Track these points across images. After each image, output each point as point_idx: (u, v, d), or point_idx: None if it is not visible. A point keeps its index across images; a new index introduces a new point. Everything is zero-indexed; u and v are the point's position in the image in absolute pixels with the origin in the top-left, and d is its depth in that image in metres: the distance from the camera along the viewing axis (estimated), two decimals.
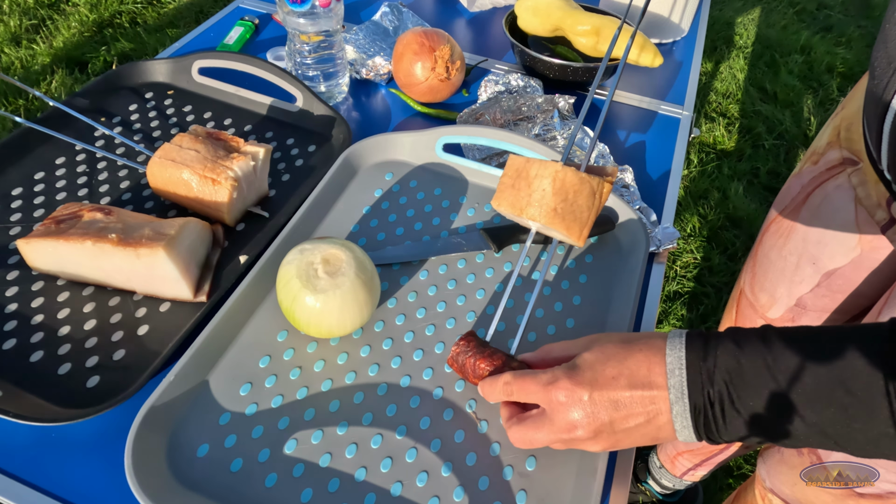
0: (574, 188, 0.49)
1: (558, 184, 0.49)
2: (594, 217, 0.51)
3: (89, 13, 2.30)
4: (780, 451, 0.71)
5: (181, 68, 0.80)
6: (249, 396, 0.51)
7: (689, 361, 0.38)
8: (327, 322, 0.51)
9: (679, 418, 0.38)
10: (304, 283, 0.50)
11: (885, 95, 0.45)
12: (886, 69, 0.44)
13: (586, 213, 0.50)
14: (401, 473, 0.47)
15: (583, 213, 0.50)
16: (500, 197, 0.53)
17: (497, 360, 0.48)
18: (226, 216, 0.63)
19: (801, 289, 0.69)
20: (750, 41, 2.53)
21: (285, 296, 0.51)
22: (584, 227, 0.51)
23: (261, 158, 0.65)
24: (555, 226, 0.50)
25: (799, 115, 2.18)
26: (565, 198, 0.49)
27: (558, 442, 0.42)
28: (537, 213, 0.50)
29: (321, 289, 0.50)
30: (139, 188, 0.68)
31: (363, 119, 0.82)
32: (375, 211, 0.66)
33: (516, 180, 0.52)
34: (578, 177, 0.49)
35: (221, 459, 0.47)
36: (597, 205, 0.51)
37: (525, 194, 0.51)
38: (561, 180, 0.49)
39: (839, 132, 0.62)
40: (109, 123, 0.75)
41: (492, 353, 0.49)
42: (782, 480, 0.70)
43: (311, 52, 0.78)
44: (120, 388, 0.50)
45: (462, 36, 1.00)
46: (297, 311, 0.51)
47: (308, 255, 0.52)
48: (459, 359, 0.50)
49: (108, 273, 0.56)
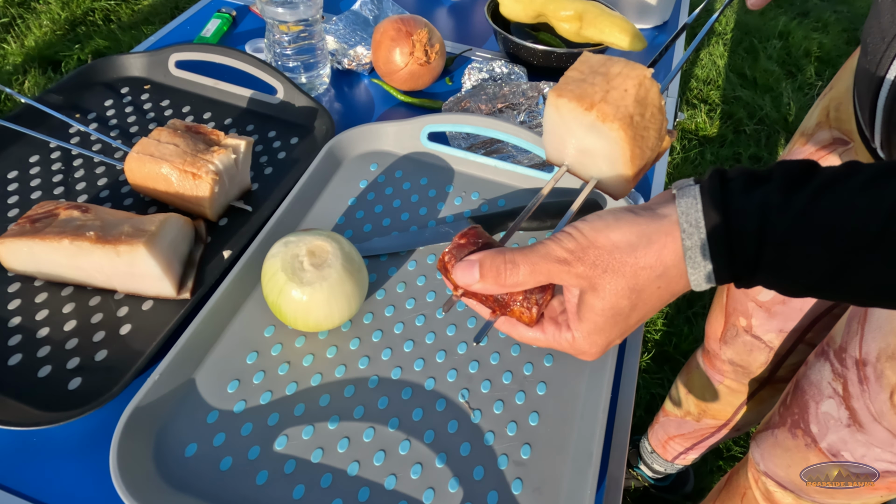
0: (653, 110, 0.39)
1: (643, 92, 0.38)
2: (649, 164, 0.41)
3: (61, 11, 2.25)
4: (774, 433, 0.71)
5: (157, 62, 0.78)
6: (237, 394, 0.50)
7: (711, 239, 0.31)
8: (315, 315, 0.50)
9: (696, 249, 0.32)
10: (289, 276, 0.49)
11: (879, 70, 0.44)
12: (880, 44, 0.44)
13: (649, 152, 0.40)
14: (394, 466, 0.46)
15: (647, 147, 0.39)
16: (563, 87, 0.39)
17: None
18: (208, 211, 0.61)
19: None
20: (729, 27, 2.54)
21: (271, 290, 0.50)
22: (643, 165, 0.40)
23: (242, 151, 0.63)
24: (625, 137, 0.38)
25: (778, 100, 2.20)
26: (643, 113, 0.38)
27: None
28: (612, 113, 0.37)
29: (307, 281, 0.49)
30: (117, 185, 0.66)
31: (346, 110, 0.81)
32: (361, 202, 0.65)
33: (590, 75, 0.40)
34: (661, 102, 0.39)
35: (210, 458, 0.46)
36: (658, 151, 0.41)
37: (601, 89, 0.39)
38: (647, 90, 0.38)
39: (828, 112, 0.62)
40: (84, 120, 0.73)
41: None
42: (776, 463, 0.71)
43: (290, 43, 0.76)
44: (103, 389, 0.49)
45: (444, 24, 0.99)
46: (284, 304, 0.50)
47: (293, 248, 0.51)
48: (461, 254, 0.38)
49: (87, 272, 0.55)
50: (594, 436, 0.47)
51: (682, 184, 0.34)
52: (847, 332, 0.59)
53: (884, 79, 0.44)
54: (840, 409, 0.58)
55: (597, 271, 0.33)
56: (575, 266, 0.33)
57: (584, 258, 0.33)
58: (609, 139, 0.38)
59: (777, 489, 0.73)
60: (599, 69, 0.39)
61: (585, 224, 0.34)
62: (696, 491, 1.23)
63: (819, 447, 0.62)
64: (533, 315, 0.38)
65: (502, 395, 0.51)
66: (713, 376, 0.88)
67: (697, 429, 0.97)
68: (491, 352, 0.54)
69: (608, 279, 0.33)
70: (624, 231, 0.33)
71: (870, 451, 0.58)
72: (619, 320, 0.35)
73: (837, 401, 0.59)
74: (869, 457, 0.58)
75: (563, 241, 0.34)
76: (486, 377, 0.52)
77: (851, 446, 0.59)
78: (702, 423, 0.95)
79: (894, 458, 0.56)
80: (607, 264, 0.33)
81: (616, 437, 0.51)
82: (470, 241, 0.38)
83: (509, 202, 0.66)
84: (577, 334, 0.36)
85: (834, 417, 0.59)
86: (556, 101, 0.39)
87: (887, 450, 0.56)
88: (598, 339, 0.36)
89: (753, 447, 0.76)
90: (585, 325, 0.35)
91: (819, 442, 0.62)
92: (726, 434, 0.95)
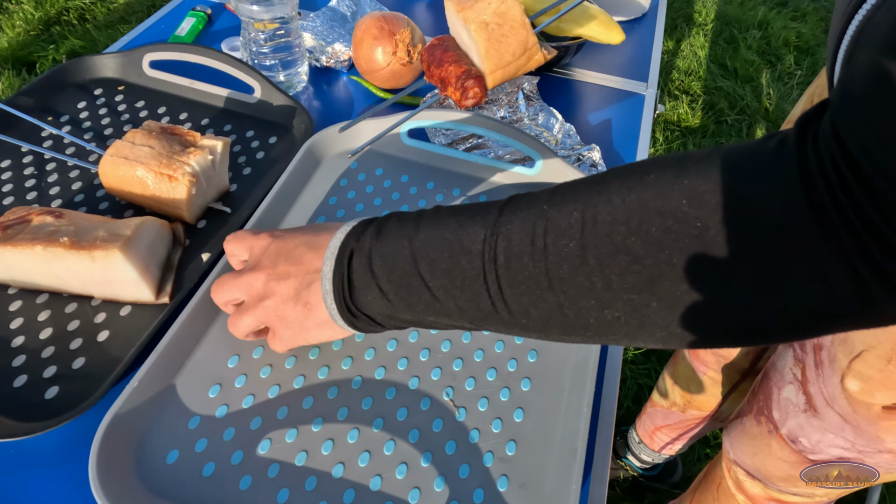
0: (512, 23, 0.51)
1: (504, 7, 0.51)
2: (513, 71, 0.53)
3: (34, 11, 2.21)
4: (742, 421, 0.72)
5: (131, 62, 0.77)
6: (219, 398, 0.49)
7: (349, 234, 0.42)
8: None
9: (325, 280, 0.41)
10: None
11: (842, 27, 0.45)
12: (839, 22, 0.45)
13: (508, 57, 0.52)
14: (379, 467, 0.46)
15: (506, 52, 0.52)
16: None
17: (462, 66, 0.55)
18: (185, 213, 0.60)
19: None
20: (709, 18, 2.55)
21: None
22: (500, 66, 0.52)
23: (219, 152, 0.63)
24: (477, 38, 0.51)
25: (759, 90, 2.22)
26: (501, 24, 0.51)
27: (254, 308, 0.46)
28: (471, 17, 0.51)
29: None
30: (92, 189, 0.65)
31: (325, 108, 0.80)
32: (342, 201, 0.65)
33: None
34: (522, 19, 0.52)
35: (192, 465, 0.45)
36: (522, 62, 0.52)
37: (472, 1, 0.52)
38: (508, 6, 0.51)
39: (812, 99, 0.63)
40: (57, 123, 0.71)
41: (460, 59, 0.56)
42: (744, 451, 0.71)
43: (266, 41, 0.75)
44: (81, 397, 0.48)
45: (423, 19, 0.98)
46: None
47: None
48: (432, 52, 0.56)
49: (62, 279, 0.54)
50: (578, 431, 0.47)
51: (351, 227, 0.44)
52: None
53: (844, 34, 0.44)
54: (798, 394, 0.59)
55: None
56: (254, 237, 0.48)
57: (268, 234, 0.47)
58: (471, 37, 0.52)
59: (746, 478, 0.74)
60: None
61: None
62: (683, 479, 1.25)
63: (780, 433, 0.63)
64: (458, 94, 0.54)
65: (487, 392, 0.51)
66: (698, 367, 0.89)
67: (683, 419, 0.97)
68: (475, 349, 0.53)
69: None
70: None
71: (824, 436, 0.59)
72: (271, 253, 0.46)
73: (797, 386, 0.59)
74: (824, 442, 0.59)
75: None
76: (471, 375, 0.52)
77: (808, 431, 0.60)
78: (687, 413, 0.96)
79: (846, 443, 0.57)
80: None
81: (600, 432, 0.51)
82: (439, 42, 0.56)
83: (491, 197, 0.66)
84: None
85: (793, 403, 0.60)
86: (448, 6, 0.55)
87: (839, 435, 0.57)
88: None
89: (725, 436, 0.77)
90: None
91: (780, 428, 0.63)
92: (709, 424, 0.96)
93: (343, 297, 0.41)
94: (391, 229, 0.40)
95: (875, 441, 0.56)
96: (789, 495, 0.71)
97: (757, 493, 0.74)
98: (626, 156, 0.76)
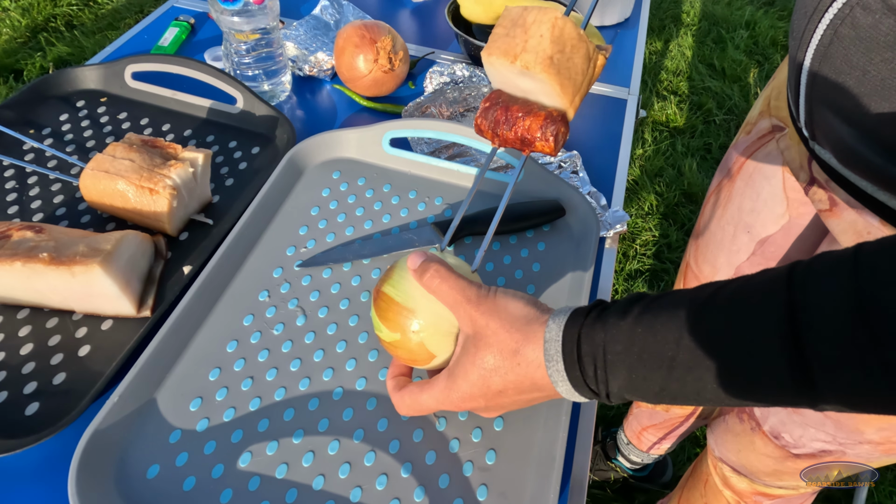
0: (572, 42, 0.45)
1: (557, 31, 0.45)
2: (587, 87, 0.47)
3: (21, 18, 2.20)
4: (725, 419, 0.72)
5: (113, 74, 0.77)
6: (200, 411, 0.49)
7: (568, 373, 0.37)
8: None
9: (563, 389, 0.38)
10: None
11: (801, 48, 0.45)
12: (802, 20, 0.45)
13: (580, 77, 0.46)
14: (360, 478, 0.47)
15: (577, 74, 0.46)
16: (491, 45, 0.47)
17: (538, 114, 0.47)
18: (167, 226, 0.60)
19: (739, 258, 0.70)
20: (697, 18, 2.57)
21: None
22: (578, 91, 0.47)
23: (200, 164, 0.63)
24: (549, 77, 0.45)
25: (747, 90, 2.23)
26: (562, 49, 0.45)
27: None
28: (532, 60, 0.45)
29: None
30: (74, 202, 0.65)
31: (308, 117, 0.80)
32: (324, 211, 0.65)
33: (511, 29, 0.47)
34: (578, 32, 0.46)
35: (173, 479, 0.46)
36: (591, 73, 0.47)
37: (521, 41, 0.46)
38: (560, 28, 0.45)
39: (769, 101, 0.64)
40: (39, 136, 0.71)
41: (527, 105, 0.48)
42: (728, 448, 0.72)
43: (248, 52, 0.76)
44: (61, 413, 0.48)
45: (406, 27, 0.99)
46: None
47: None
48: (489, 115, 0.48)
49: (43, 294, 0.54)
50: (557, 439, 0.47)
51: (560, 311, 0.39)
52: None
53: (805, 54, 0.45)
54: None
55: (482, 322, 0.39)
56: (469, 306, 0.40)
57: (480, 306, 0.40)
58: (538, 80, 0.46)
59: (732, 474, 0.74)
60: (518, 21, 0.46)
61: (501, 289, 0.41)
62: (674, 479, 1.25)
63: (762, 430, 0.64)
64: (551, 143, 0.47)
65: None
66: None
67: (668, 419, 0.98)
68: None
69: (489, 333, 0.39)
70: (518, 306, 0.39)
71: (806, 431, 0.59)
72: (482, 373, 0.39)
73: None
74: (806, 437, 0.60)
75: (479, 287, 0.41)
76: None
77: (789, 427, 0.61)
78: (671, 412, 0.96)
79: (827, 437, 0.58)
80: (492, 323, 0.39)
81: (580, 440, 0.52)
82: (493, 101, 0.49)
83: (473, 205, 0.67)
84: (445, 375, 0.42)
85: None
86: (488, 60, 0.47)
87: (820, 429, 0.58)
88: (461, 384, 0.40)
89: (709, 434, 0.78)
90: (460, 366, 0.41)
91: (762, 425, 0.64)
92: (694, 423, 0.97)
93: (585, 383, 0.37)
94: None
95: (855, 433, 0.56)
96: (775, 489, 0.72)
97: (743, 488, 0.74)
98: (607, 162, 0.76)
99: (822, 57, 0.43)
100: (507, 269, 0.61)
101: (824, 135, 0.47)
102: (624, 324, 0.34)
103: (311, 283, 0.59)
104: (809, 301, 0.28)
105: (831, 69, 0.43)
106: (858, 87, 0.41)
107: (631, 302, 0.35)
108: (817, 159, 0.51)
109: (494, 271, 0.61)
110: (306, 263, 0.60)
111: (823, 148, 0.48)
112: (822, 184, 0.53)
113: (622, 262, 1.65)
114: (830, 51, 0.42)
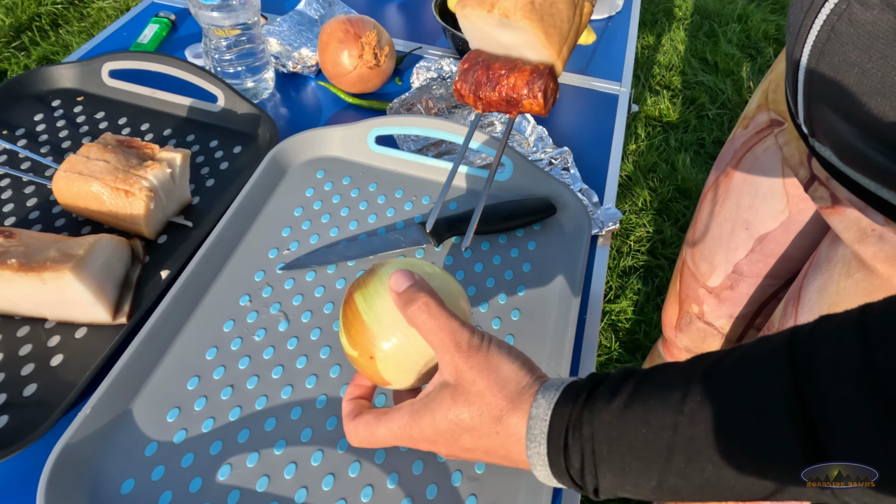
0: None
1: None
2: (574, 38, 0.42)
3: (5, 17, 2.17)
4: None
5: (90, 72, 0.75)
6: (177, 422, 0.47)
7: (551, 459, 0.32)
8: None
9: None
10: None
11: (798, 43, 0.44)
12: (799, 14, 0.44)
13: (566, 25, 0.40)
14: (344, 490, 0.45)
15: (562, 22, 0.40)
16: None
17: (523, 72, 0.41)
18: (144, 229, 0.58)
19: (737, 255, 0.69)
20: (689, 12, 2.55)
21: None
22: (565, 41, 0.41)
23: (178, 165, 0.61)
24: (531, 24, 0.39)
25: (739, 84, 2.22)
26: None
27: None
28: (511, 7, 0.39)
29: None
30: (48, 205, 0.63)
31: (292, 115, 0.78)
32: (308, 212, 0.63)
33: None
34: None
35: (149, 494, 0.44)
36: (577, 22, 0.41)
37: None
38: None
39: (767, 95, 0.62)
40: (12, 137, 0.69)
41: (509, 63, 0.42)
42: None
43: (229, 48, 0.73)
44: (31, 427, 0.46)
45: (393, 22, 0.97)
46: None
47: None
48: (469, 77, 0.42)
49: (13, 301, 0.52)
50: None
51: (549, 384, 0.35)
52: (783, 314, 0.59)
53: (803, 50, 0.43)
54: None
55: (468, 376, 0.34)
56: (458, 355, 0.34)
57: (470, 358, 0.34)
58: (519, 30, 0.40)
59: None
60: None
61: (495, 342, 0.35)
62: None
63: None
64: (540, 101, 0.42)
65: None
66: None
67: None
68: None
69: (474, 390, 0.34)
70: (512, 369, 0.34)
71: None
72: (453, 427, 0.34)
73: None
74: None
75: (472, 333, 0.35)
76: None
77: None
78: None
79: None
80: (480, 381, 0.34)
81: None
82: (472, 62, 0.43)
83: (461, 205, 0.65)
84: (416, 414, 0.35)
85: None
86: (462, 13, 0.42)
87: None
88: (425, 427, 0.35)
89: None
90: (429, 410, 0.35)
91: None
92: None
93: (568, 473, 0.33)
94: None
95: None
96: None
97: None
98: (599, 158, 0.75)
99: (819, 54, 0.42)
100: (496, 269, 0.59)
101: (824, 132, 0.45)
102: (614, 407, 0.31)
103: (294, 286, 0.57)
104: (819, 381, 0.26)
105: (829, 67, 0.41)
106: (857, 86, 0.39)
107: (622, 379, 0.32)
108: (817, 156, 0.49)
109: (484, 272, 0.59)
110: (289, 266, 0.58)
111: (823, 145, 0.47)
112: (823, 181, 0.51)
113: (616, 259, 1.64)
114: (828, 48, 0.41)
